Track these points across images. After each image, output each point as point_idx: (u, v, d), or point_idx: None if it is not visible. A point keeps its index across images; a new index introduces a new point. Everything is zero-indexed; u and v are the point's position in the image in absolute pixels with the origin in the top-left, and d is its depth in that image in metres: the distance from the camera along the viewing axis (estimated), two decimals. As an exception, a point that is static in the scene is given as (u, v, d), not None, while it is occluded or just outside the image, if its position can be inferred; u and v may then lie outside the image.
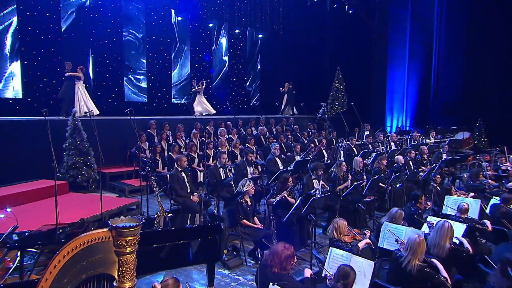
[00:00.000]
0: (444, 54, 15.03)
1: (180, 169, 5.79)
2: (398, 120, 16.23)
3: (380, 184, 6.60)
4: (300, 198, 5.06)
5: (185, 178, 5.79)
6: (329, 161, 8.15)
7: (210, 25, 14.74)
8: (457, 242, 4.03)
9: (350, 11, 15.46)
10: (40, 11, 9.88)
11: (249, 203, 5.02)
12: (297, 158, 7.68)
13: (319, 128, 12.91)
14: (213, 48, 15.10)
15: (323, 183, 5.87)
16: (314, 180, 5.94)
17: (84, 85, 8.97)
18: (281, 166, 7.29)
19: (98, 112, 8.19)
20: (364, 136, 11.62)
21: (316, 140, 10.94)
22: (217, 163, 6.40)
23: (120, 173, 8.25)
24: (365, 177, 6.71)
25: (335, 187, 6.23)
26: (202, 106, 11.67)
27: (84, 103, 8.54)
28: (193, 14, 13.84)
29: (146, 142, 8.54)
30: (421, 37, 15.65)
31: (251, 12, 14.86)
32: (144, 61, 12.77)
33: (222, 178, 6.22)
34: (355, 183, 6.29)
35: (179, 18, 13.82)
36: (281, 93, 14.04)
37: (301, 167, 7.12)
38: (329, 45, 16.64)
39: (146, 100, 12.73)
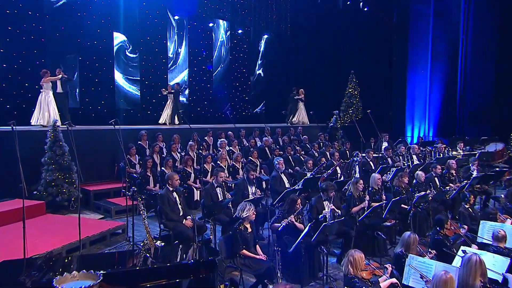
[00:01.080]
0: (471, 55, 14.93)
1: (171, 189, 5.56)
2: (420, 129, 16.10)
3: (403, 205, 6.32)
4: (310, 224, 4.77)
5: (177, 199, 5.56)
6: (342, 178, 7.89)
7: (210, 24, 14.78)
8: (500, 279, 3.69)
9: (366, 9, 15.53)
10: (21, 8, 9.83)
11: (249, 230, 4.77)
12: (308, 174, 7.41)
13: (331, 138, 12.72)
14: (213, 51, 15.17)
15: (334, 207, 5.59)
16: (324, 202, 5.71)
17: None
18: (287, 184, 7.05)
19: (59, 124, 7.90)
20: (382, 147, 11.42)
21: (327, 153, 10.74)
22: (213, 181, 6.14)
23: (107, 190, 8.07)
24: (384, 196, 6.43)
25: (350, 209, 5.98)
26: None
27: (43, 112, 8.37)
28: (191, 13, 13.86)
29: (136, 156, 8.38)
30: (445, 37, 15.58)
31: (255, 10, 14.94)
32: (137, 64, 12.78)
33: (220, 199, 5.96)
34: (372, 204, 6.03)
35: (176, 17, 13.85)
36: (293, 101, 13.96)
37: (311, 186, 6.85)
38: (342, 47, 16.66)
39: (139, 108, 12.70)
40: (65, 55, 11.05)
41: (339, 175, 8.26)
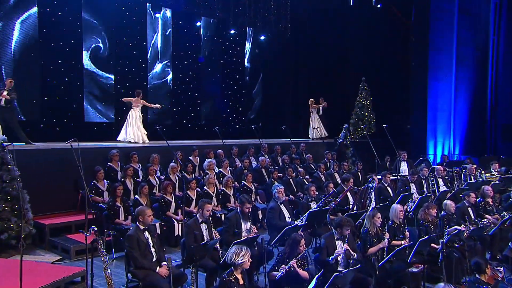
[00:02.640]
0: (504, 58, 14.85)
1: (142, 227, 5.14)
2: (444, 146, 15.88)
3: (433, 245, 5.96)
4: (317, 276, 4.35)
5: (150, 240, 5.13)
6: (355, 209, 7.52)
7: (198, 23, 14.83)
8: None
9: (378, 6, 15.49)
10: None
11: (241, 282, 4.39)
12: (312, 205, 7.07)
13: (339, 157, 12.53)
14: (201, 53, 15.20)
15: (349, 248, 5.23)
16: (336, 241, 5.38)
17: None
18: (288, 217, 6.71)
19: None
20: (400, 168, 11.24)
21: (336, 175, 10.58)
22: (197, 216, 5.72)
23: (67, 224, 7.59)
24: (407, 233, 6.11)
25: (366, 250, 5.65)
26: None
27: None
28: (176, 10, 13.91)
29: (105, 181, 8.06)
30: (473, 38, 15.52)
31: (251, 8, 14.91)
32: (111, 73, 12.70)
33: (205, 239, 5.55)
34: (393, 243, 5.79)
35: (158, 15, 13.81)
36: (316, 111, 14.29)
37: (317, 221, 6.54)
38: (352, 50, 16.63)
39: (114, 121, 12.62)
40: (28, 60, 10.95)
41: (351, 205, 7.89)
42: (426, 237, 5.72)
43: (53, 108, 11.34)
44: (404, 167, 11.18)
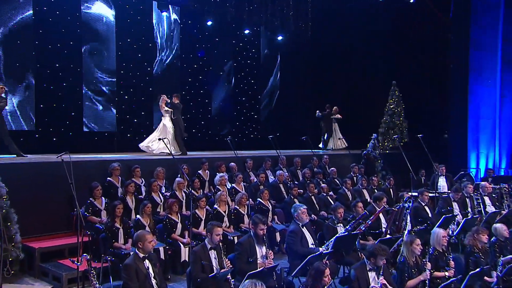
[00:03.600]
0: None
1: (141, 255, 4.96)
2: (488, 159, 15.68)
3: (485, 278, 5.73)
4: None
5: (150, 270, 4.94)
6: (388, 233, 7.23)
7: (209, 23, 14.88)
8: None
9: (412, 1, 15.33)
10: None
11: None
12: (339, 228, 6.81)
13: (367, 171, 12.31)
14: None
15: (385, 282, 5.00)
16: (369, 273, 5.19)
17: None
18: (311, 243, 6.46)
19: None
20: (438, 184, 11.00)
21: (364, 192, 10.43)
22: (206, 241, 5.49)
23: (59, 248, 7.43)
24: (452, 262, 5.87)
25: (404, 283, 5.45)
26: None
27: None
28: (183, 9, 14.14)
29: (103, 199, 7.89)
30: None
31: (266, 5, 15.04)
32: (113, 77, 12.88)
33: (214, 269, 5.34)
34: (436, 274, 5.60)
35: (164, 14, 13.97)
36: (327, 120, 14.54)
37: (346, 248, 6.30)
38: (380, 51, 16.45)
39: (116, 130, 12.80)
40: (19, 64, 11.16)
41: (383, 227, 7.59)
42: (478, 269, 5.49)
43: (49, 117, 11.48)
44: (442, 183, 11.01)
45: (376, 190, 10.17)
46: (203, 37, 14.87)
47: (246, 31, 15.90)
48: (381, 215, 7.70)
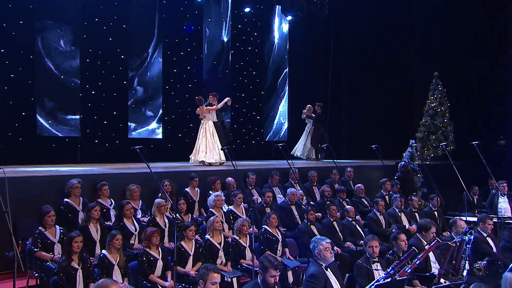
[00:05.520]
0: None
1: None
2: None
3: None
4: None
5: None
6: (443, 274, 6.84)
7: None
8: None
9: None
10: None
11: None
12: (377, 272, 6.44)
13: (404, 188, 12.00)
14: (204, 40, 15.72)
15: None
16: None
17: None
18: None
19: None
20: (498, 205, 10.96)
21: (402, 215, 10.27)
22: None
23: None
24: None
25: None
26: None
27: None
28: None
29: (57, 227, 7.60)
30: None
31: None
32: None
33: None
34: None
35: None
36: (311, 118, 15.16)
37: None
38: (418, 35, 16.62)
39: (79, 135, 13.00)
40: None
41: (432, 267, 7.38)
42: None
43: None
44: (504, 204, 10.88)
45: (416, 214, 10.14)
46: (192, 18, 15.04)
47: (247, 9, 16.22)
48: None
